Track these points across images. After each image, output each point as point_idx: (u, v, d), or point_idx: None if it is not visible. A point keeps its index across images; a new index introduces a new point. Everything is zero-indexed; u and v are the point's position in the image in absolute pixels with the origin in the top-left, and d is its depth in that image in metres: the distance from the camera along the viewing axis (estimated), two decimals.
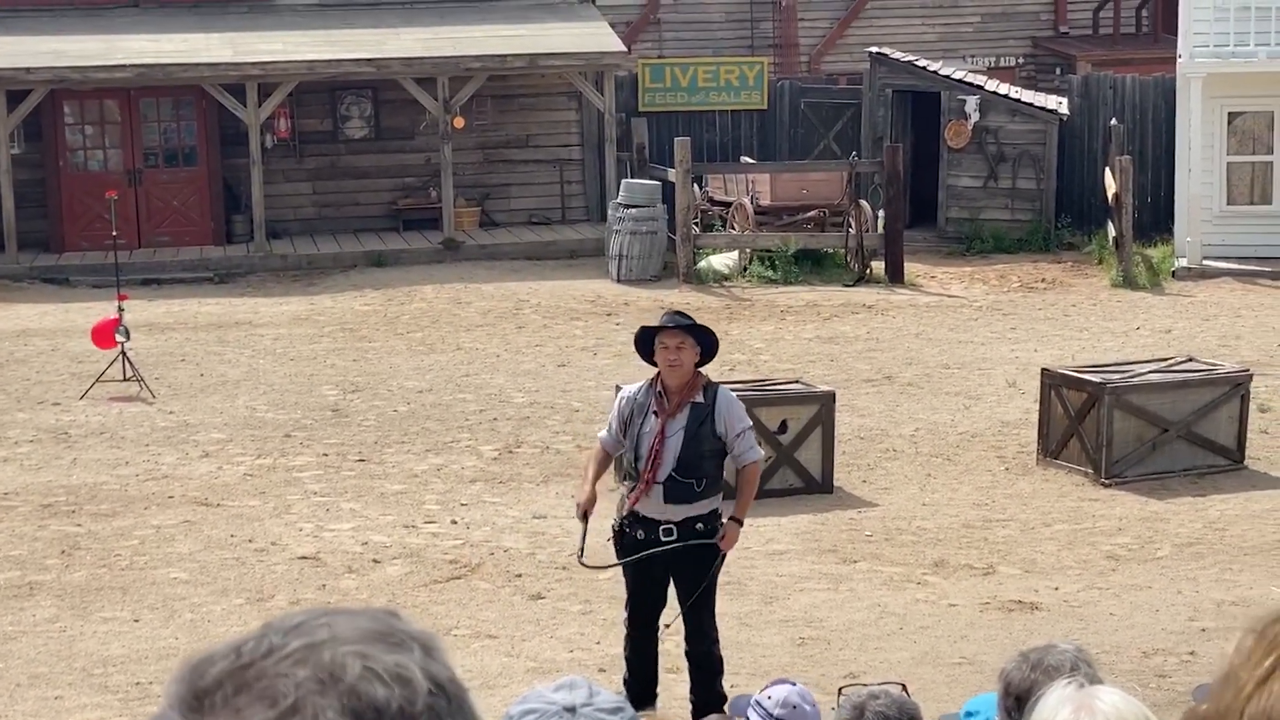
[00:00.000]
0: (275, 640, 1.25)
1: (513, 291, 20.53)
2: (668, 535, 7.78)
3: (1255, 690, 1.22)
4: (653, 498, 7.74)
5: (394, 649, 1.25)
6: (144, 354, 16.41)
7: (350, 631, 1.25)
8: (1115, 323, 18.66)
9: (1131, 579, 10.32)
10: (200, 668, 1.25)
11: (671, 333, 7.73)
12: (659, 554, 7.79)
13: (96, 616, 9.70)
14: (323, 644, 1.24)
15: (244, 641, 1.26)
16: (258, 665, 1.23)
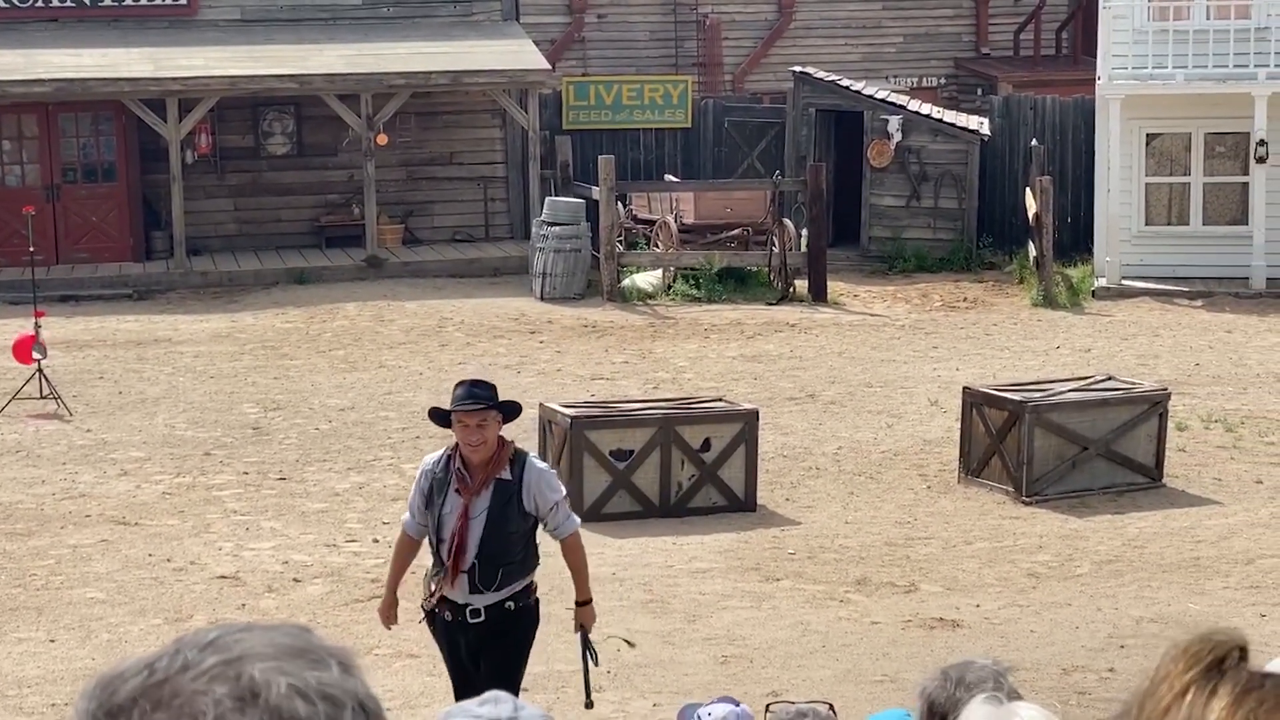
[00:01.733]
0: (190, 656, 1.22)
1: (436, 309, 20.44)
2: (475, 618, 7.10)
3: (1173, 702, 1.22)
4: (458, 585, 7.05)
5: (313, 665, 1.23)
6: (61, 371, 16.20)
7: (267, 647, 1.23)
8: (1036, 341, 18.84)
9: (1052, 596, 10.40)
10: (112, 684, 1.22)
11: (470, 413, 6.94)
12: (465, 639, 7.16)
13: (11, 637, 9.55)
14: (239, 660, 1.21)
15: (157, 658, 1.23)
16: (173, 681, 1.20)
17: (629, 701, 8.67)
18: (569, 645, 9.49)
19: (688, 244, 22.04)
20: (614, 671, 9.10)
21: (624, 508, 12.02)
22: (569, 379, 16.79)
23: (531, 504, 7.10)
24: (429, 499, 7.12)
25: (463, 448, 7.02)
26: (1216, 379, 16.72)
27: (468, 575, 7.03)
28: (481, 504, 7.01)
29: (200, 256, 22.89)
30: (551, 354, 18.11)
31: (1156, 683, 1.25)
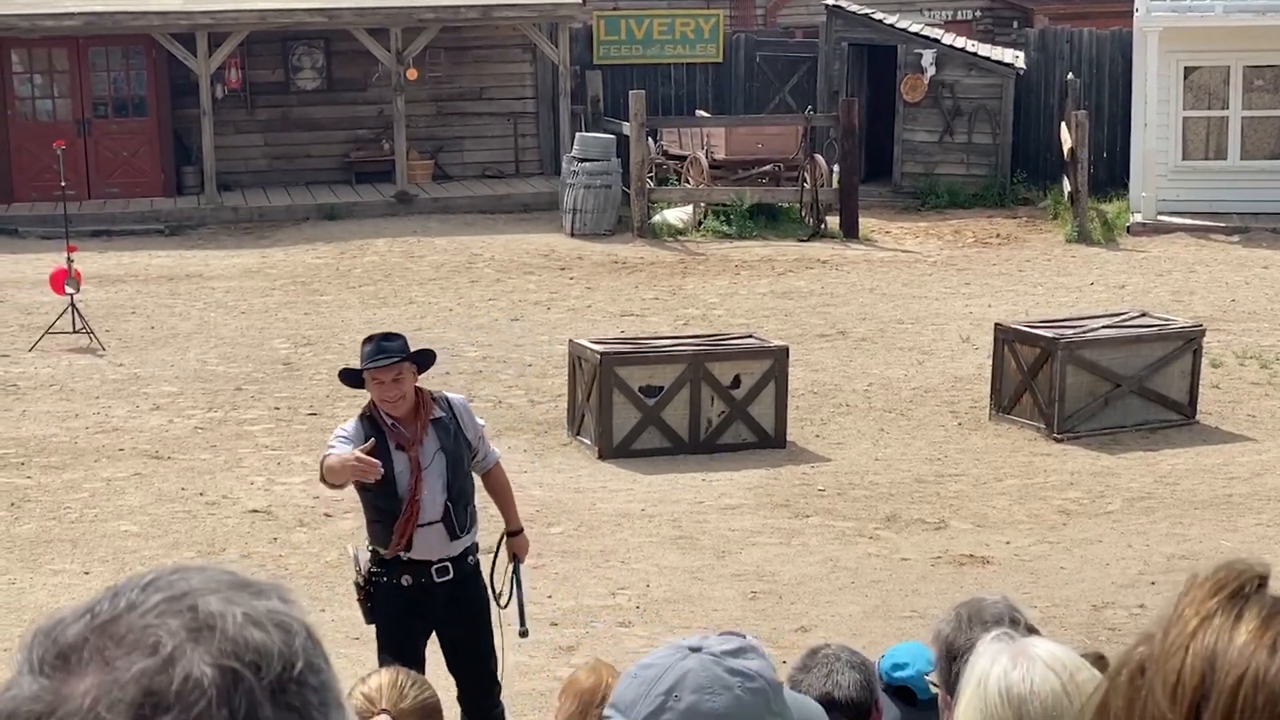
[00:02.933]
0: (133, 596, 1.20)
1: (466, 245, 20.42)
2: (443, 575, 6.73)
3: (1199, 626, 1.21)
4: (426, 540, 6.67)
5: (256, 596, 1.23)
6: (94, 306, 16.26)
7: (209, 583, 1.22)
8: (1069, 278, 18.72)
9: (1082, 533, 10.37)
10: (53, 631, 1.20)
11: (384, 369, 6.65)
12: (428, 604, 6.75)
13: (46, 569, 9.63)
14: (185, 595, 1.20)
15: (95, 602, 1.21)
16: (124, 619, 1.19)
17: (658, 637, 8.68)
18: (598, 580, 9.53)
19: (719, 180, 21.94)
20: (643, 607, 9.13)
21: (653, 444, 12.02)
22: (599, 315, 16.77)
23: (470, 431, 6.93)
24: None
25: (381, 405, 6.68)
26: (1252, 315, 16.60)
27: (444, 524, 6.71)
28: (430, 449, 6.74)
29: (231, 192, 22.90)
30: (581, 290, 18.08)
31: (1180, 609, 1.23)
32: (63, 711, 1.15)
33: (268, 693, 1.17)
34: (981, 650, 2.62)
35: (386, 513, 6.72)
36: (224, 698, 1.15)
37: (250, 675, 1.16)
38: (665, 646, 2.36)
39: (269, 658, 1.18)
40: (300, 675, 1.19)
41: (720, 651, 2.30)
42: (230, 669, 1.16)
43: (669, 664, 2.28)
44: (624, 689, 2.32)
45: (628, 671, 2.35)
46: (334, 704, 1.23)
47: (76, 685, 1.16)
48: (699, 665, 2.27)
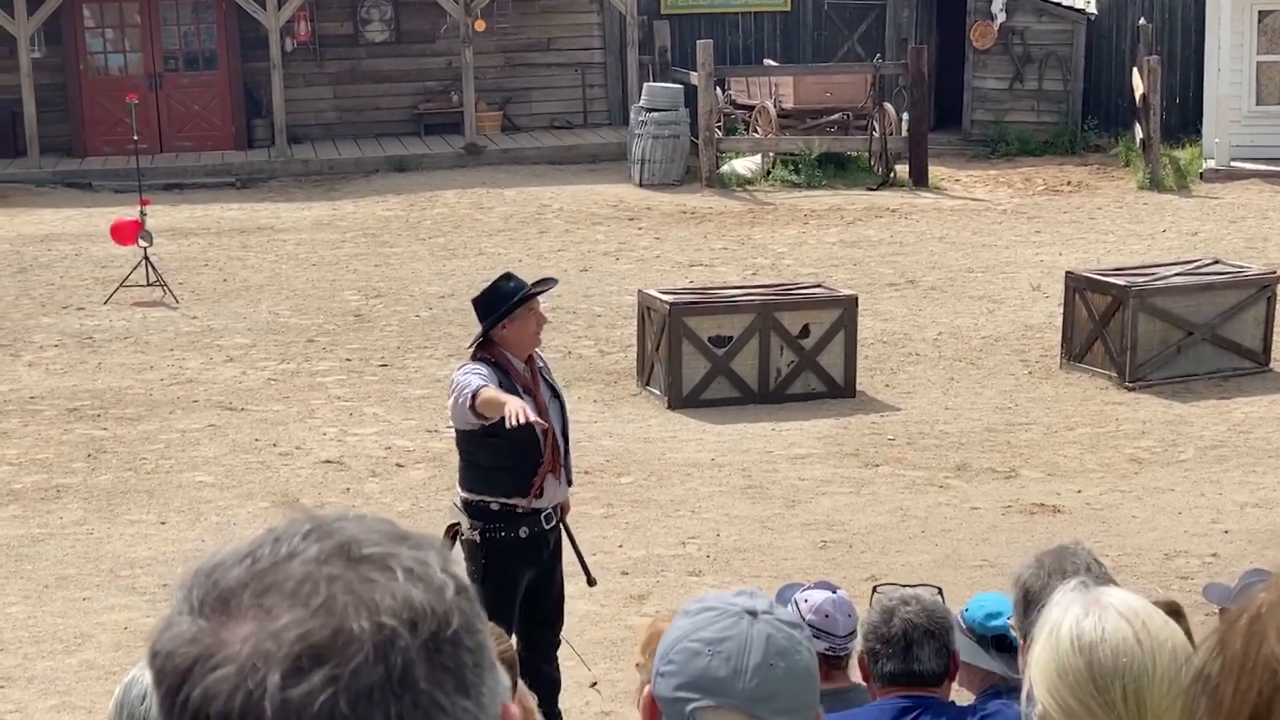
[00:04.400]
0: (294, 544, 1.21)
1: (534, 196, 20.45)
2: (549, 523, 6.77)
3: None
4: (549, 487, 6.70)
5: (415, 549, 1.23)
6: (167, 259, 16.42)
7: (367, 534, 1.22)
8: (1141, 225, 18.53)
9: (1154, 482, 10.31)
10: (214, 573, 1.21)
11: (539, 298, 6.72)
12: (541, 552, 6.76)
13: (123, 519, 9.78)
14: (345, 545, 1.21)
15: (256, 546, 1.22)
16: (283, 567, 1.19)
17: (728, 586, 8.72)
18: (668, 530, 9.58)
19: (787, 129, 21.83)
20: (713, 556, 9.17)
21: (723, 394, 12.04)
22: (667, 265, 16.77)
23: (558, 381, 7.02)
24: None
25: (527, 341, 6.63)
26: None
27: (564, 468, 6.78)
28: (546, 394, 6.75)
29: (301, 144, 23.02)
30: (650, 240, 18.08)
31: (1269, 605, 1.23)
32: (220, 657, 1.16)
33: (423, 651, 1.17)
34: (1055, 599, 2.62)
35: (521, 458, 6.60)
36: (380, 654, 1.15)
37: (406, 633, 1.16)
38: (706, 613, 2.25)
39: (425, 616, 1.18)
40: (455, 635, 1.19)
41: (776, 611, 2.29)
42: (387, 625, 1.16)
43: (741, 634, 2.22)
44: (700, 667, 2.20)
45: (680, 648, 2.22)
46: (488, 665, 1.22)
47: (235, 631, 1.17)
48: (773, 629, 2.24)
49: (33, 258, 17.43)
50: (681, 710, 2.21)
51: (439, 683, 1.18)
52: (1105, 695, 2.47)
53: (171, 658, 1.18)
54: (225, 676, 1.15)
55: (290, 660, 1.15)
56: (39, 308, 15.28)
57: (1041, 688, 2.54)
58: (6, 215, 19.72)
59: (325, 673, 1.15)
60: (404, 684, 1.16)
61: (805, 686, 2.25)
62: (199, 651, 1.17)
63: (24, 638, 8.12)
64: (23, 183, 21.40)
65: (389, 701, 1.15)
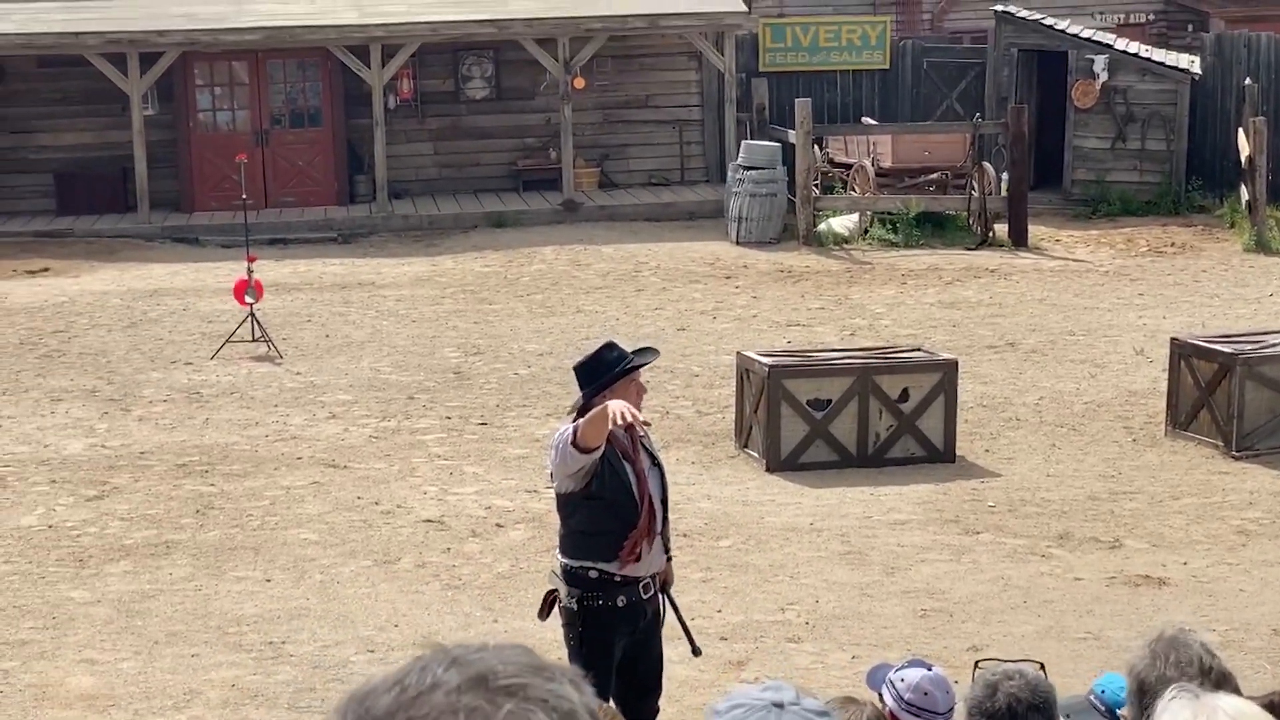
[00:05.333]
0: (438, 674, 1.30)
1: (631, 253, 20.57)
2: (646, 592, 6.76)
3: None
4: (647, 553, 6.69)
5: (549, 680, 1.30)
6: (270, 314, 16.68)
7: (506, 665, 1.30)
8: (1247, 289, 18.31)
9: (1262, 554, 10.17)
10: (366, 700, 1.30)
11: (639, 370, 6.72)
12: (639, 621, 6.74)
13: (230, 576, 9.92)
14: (484, 677, 1.29)
15: (404, 674, 1.31)
16: (424, 698, 1.28)
17: (827, 654, 8.71)
18: (766, 595, 9.57)
19: (885, 188, 21.83)
20: (812, 623, 9.15)
21: (821, 457, 12.03)
22: (765, 325, 16.79)
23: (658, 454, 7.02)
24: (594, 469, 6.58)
25: (635, 402, 6.53)
26: None
27: (661, 537, 6.79)
28: (646, 462, 6.79)
29: (401, 200, 23.32)
30: (747, 299, 18.12)
31: None
32: None
33: None
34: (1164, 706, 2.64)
35: (617, 521, 6.63)
36: None
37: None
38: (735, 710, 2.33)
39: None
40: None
41: (803, 702, 2.35)
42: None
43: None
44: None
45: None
46: None
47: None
48: (798, 718, 2.30)
49: (142, 312, 17.76)
50: None
51: None
52: None
53: None
54: None
55: None
56: (148, 362, 15.57)
57: None
58: (117, 269, 20.13)
59: None
60: None
61: None
62: None
63: (135, 693, 8.25)
64: (133, 237, 21.83)
65: None
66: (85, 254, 20.91)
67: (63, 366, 15.44)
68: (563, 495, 6.80)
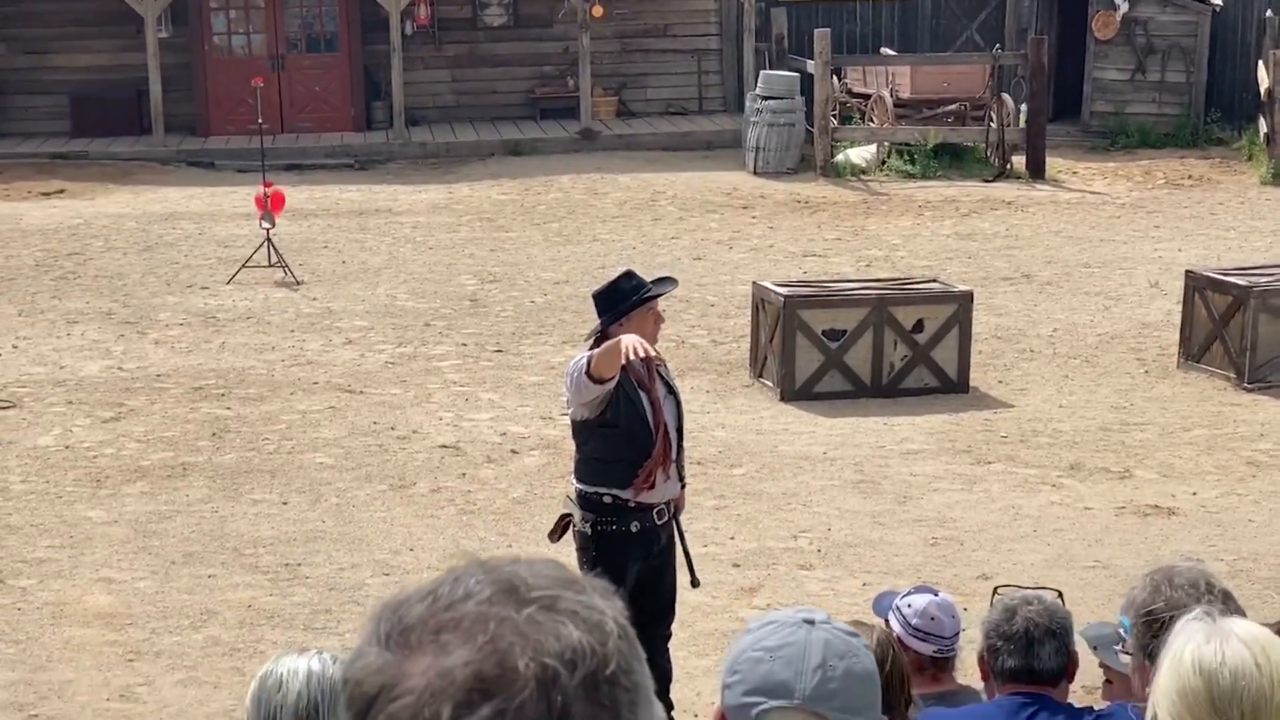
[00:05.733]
0: (470, 585, 1.33)
1: (649, 183, 20.54)
2: (660, 519, 6.86)
3: None
4: (662, 481, 6.80)
5: (580, 593, 1.33)
6: (287, 240, 16.71)
7: (538, 577, 1.34)
8: (1264, 222, 18.26)
9: (1272, 486, 10.21)
10: (401, 608, 1.34)
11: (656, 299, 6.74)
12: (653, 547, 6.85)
13: (246, 498, 10.01)
14: (515, 587, 1.32)
15: (438, 584, 1.35)
16: (457, 607, 1.32)
17: (838, 580, 8.79)
18: (780, 523, 9.64)
19: (903, 119, 21.74)
20: (824, 551, 9.22)
21: (835, 387, 12.07)
22: (781, 255, 16.79)
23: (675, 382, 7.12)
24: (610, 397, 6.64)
25: (643, 341, 6.47)
26: None
27: (676, 465, 6.87)
28: (662, 391, 6.85)
29: (418, 127, 23.29)
30: (764, 230, 18.11)
31: None
32: (400, 689, 1.29)
33: (581, 690, 1.28)
34: (1178, 629, 2.69)
35: (632, 449, 6.71)
36: (542, 692, 1.27)
37: (566, 673, 1.28)
38: (767, 626, 2.37)
39: (584, 656, 1.29)
40: (613, 675, 1.30)
41: (834, 622, 2.40)
42: (550, 665, 1.27)
43: (802, 640, 2.33)
44: (763, 673, 2.31)
45: (745, 657, 2.33)
46: (644, 702, 1.33)
47: (415, 664, 1.30)
48: (830, 635, 2.35)
49: (157, 235, 17.81)
50: (749, 715, 2.33)
51: (596, 719, 1.28)
52: (1224, 715, 2.53)
53: (360, 685, 1.32)
54: (405, 705, 1.28)
55: (462, 694, 1.27)
56: (164, 285, 15.63)
57: (1164, 709, 2.60)
58: (132, 192, 20.16)
59: (493, 706, 1.26)
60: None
61: (865, 687, 2.36)
62: (384, 681, 1.30)
63: (151, 612, 8.36)
64: (148, 160, 21.85)
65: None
66: (100, 176, 20.94)
67: (78, 289, 15.51)
68: (578, 422, 6.88)
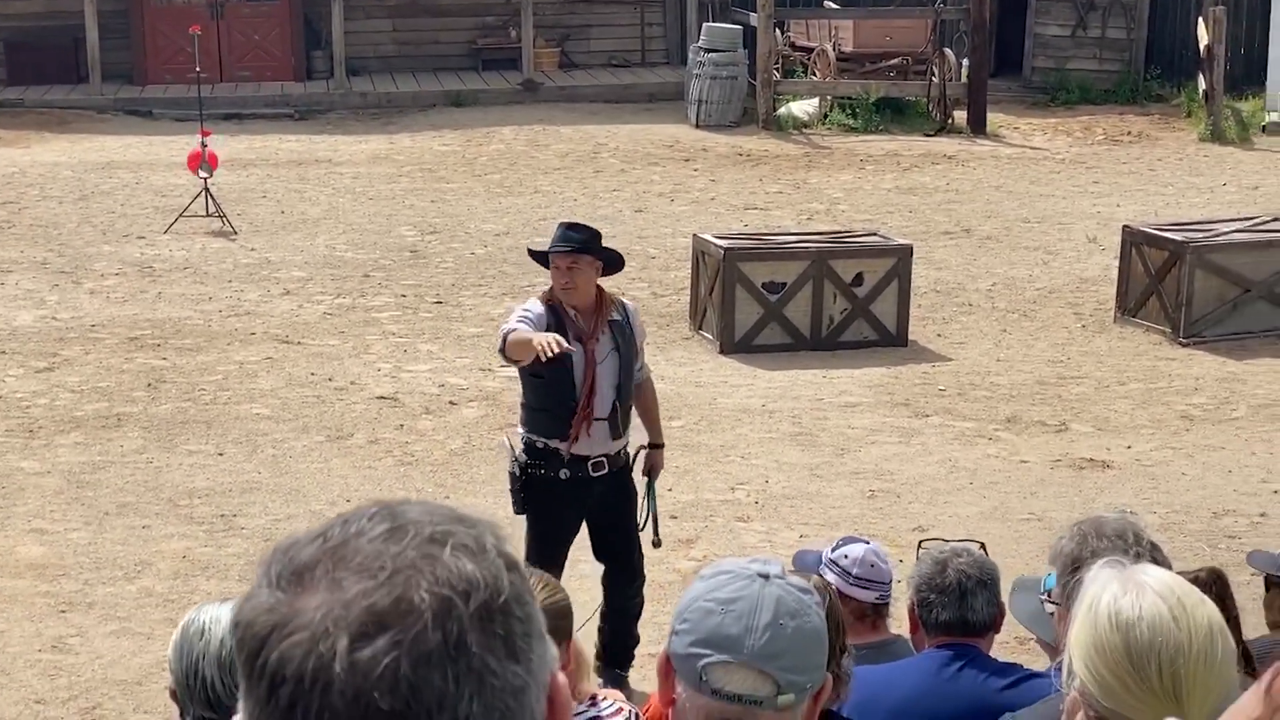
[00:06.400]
0: (362, 525, 1.34)
1: (590, 135, 20.46)
2: (597, 470, 6.91)
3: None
4: (592, 435, 6.85)
5: (471, 529, 1.34)
6: (225, 189, 16.55)
7: (429, 516, 1.34)
8: (1201, 178, 18.39)
9: (1205, 439, 10.32)
10: (291, 550, 1.34)
11: (563, 254, 6.87)
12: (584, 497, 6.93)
13: (182, 449, 9.94)
14: (407, 524, 1.33)
15: (328, 528, 1.35)
16: (349, 545, 1.32)
17: (776, 533, 8.82)
18: (718, 475, 9.66)
19: (845, 73, 21.73)
20: (761, 503, 9.26)
21: (775, 340, 12.09)
22: (722, 208, 16.78)
23: (640, 340, 7.11)
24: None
25: (556, 290, 6.86)
26: None
27: (609, 422, 6.87)
28: (605, 347, 6.89)
29: (359, 77, 23.09)
30: (705, 182, 18.08)
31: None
32: (294, 624, 1.28)
33: (476, 620, 1.28)
34: (1092, 576, 2.68)
35: (557, 402, 6.81)
36: (438, 622, 1.27)
37: (461, 603, 1.28)
38: (721, 576, 2.35)
39: (478, 587, 1.29)
40: (506, 605, 1.30)
41: (788, 577, 2.38)
42: (444, 596, 1.28)
43: (755, 595, 2.31)
44: (713, 625, 2.29)
45: (696, 607, 2.31)
46: (537, 634, 1.34)
47: (308, 601, 1.29)
48: (784, 592, 2.33)
49: (94, 185, 17.60)
50: (694, 666, 2.31)
51: (491, 648, 1.29)
52: (1141, 672, 2.52)
53: (251, 626, 1.31)
54: (299, 642, 1.28)
55: (358, 626, 1.27)
56: (100, 235, 15.46)
57: (1079, 663, 2.60)
58: (69, 141, 19.91)
59: (389, 638, 1.26)
60: (459, 649, 1.27)
61: (814, 647, 2.35)
62: (276, 620, 1.30)
63: (85, 563, 8.30)
64: (84, 109, 21.57)
65: (446, 664, 1.27)
66: (36, 125, 20.66)
67: (12, 238, 15.32)
68: (521, 370, 7.01)
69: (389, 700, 1.25)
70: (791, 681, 2.30)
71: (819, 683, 2.35)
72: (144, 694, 7.06)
